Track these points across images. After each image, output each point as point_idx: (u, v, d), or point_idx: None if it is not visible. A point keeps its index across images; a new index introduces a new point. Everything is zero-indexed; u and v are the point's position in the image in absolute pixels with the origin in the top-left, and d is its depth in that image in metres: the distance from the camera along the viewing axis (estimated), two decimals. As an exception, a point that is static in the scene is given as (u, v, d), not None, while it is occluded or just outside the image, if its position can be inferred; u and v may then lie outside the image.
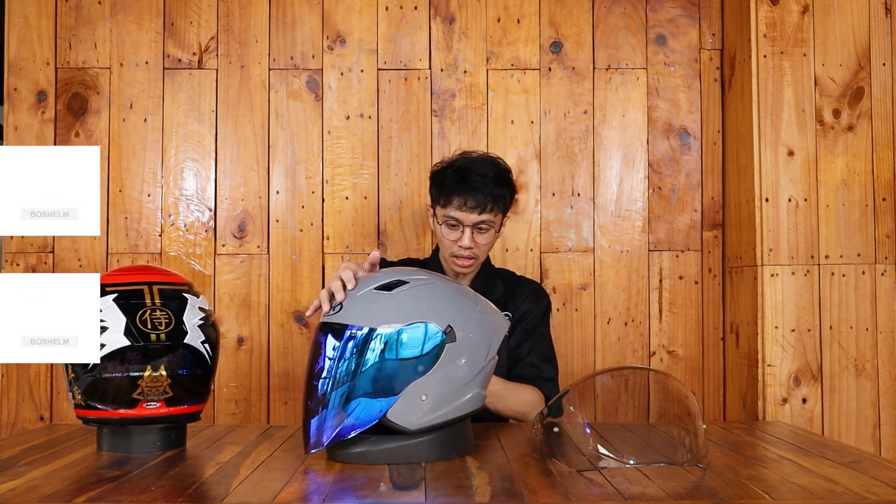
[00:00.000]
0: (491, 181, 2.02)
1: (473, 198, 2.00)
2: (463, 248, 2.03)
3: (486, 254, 2.11)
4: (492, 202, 2.01)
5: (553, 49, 2.57)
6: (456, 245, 2.03)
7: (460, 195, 2.00)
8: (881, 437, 2.28)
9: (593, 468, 1.45)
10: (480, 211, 2.01)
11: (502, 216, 2.08)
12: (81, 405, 1.66)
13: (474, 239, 2.03)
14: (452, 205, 2.01)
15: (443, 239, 2.06)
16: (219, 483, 1.43)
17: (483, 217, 2.01)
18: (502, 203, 2.05)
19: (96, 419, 1.66)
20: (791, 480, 1.42)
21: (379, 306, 1.57)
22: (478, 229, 2.03)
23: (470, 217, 2.01)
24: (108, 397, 1.63)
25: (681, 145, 2.57)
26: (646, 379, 2.49)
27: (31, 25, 2.53)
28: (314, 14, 2.56)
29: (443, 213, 2.04)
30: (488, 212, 2.01)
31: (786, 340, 2.28)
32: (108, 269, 2.49)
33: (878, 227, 2.31)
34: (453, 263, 2.07)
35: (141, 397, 1.64)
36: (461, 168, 2.04)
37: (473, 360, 1.57)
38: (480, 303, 1.64)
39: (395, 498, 1.32)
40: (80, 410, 1.67)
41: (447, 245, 2.06)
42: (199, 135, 2.55)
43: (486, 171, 2.03)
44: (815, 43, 2.33)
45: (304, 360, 2.50)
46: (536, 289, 2.21)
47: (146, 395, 1.64)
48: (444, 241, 2.06)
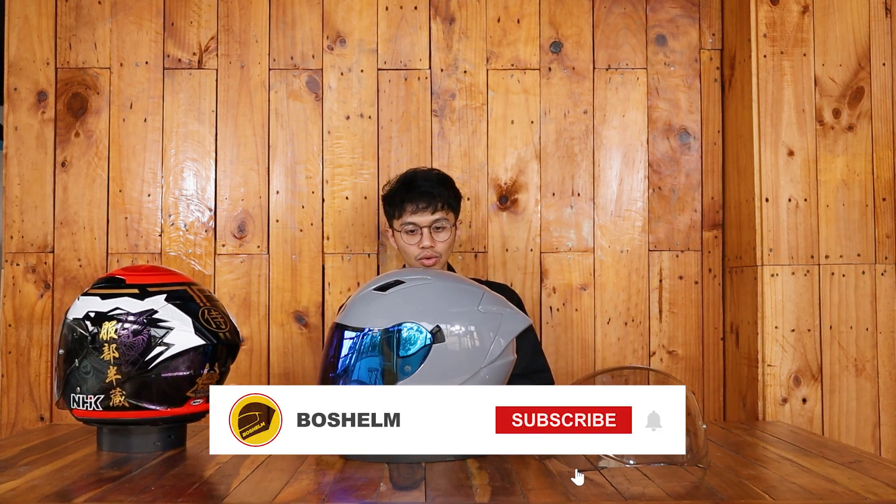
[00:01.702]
0: (436, 183, 2.18)
1: (423, 199, 2.15)
2: (425, 248, 2.14)
3: (447, 254, 2.19)
4: (441, 201, 2.16)
5: (553, 49, 2.57)
6: (418, 248, 2.15)
7: (411, 201, 2.15)
8: (881, 437, 2.28)
9: (593, 468, 1.45)
10: (433, 210, 2.15)
11: (454, 217, 2.20)
12: (123, 406, 1.63)
13: (433, 238, 2.15)
14: (406, 211, 2.15)
15: (405, 247, 2.18)
16: (219, 483, 1.43)
17: (437, 216, 2.15)
18: (451, 203, 2.19)
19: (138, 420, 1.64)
20: (791, 480, 1.42)
21: (372, 306, 1.58)
22: (434, 229, 2.15)
23: (424, 217, 2.14)
24: (162, 397, 1.63)
25: (681, 145, 2.57)
26: (646, 379, 2.48)
27: (31, 25, 2.53)
28: (314, 14, 2.56)
29: (400, 222, 2.17)
30: (440, 210, 2.16)
31: (786, 340, 2.27)
32: (108, 269, 2.49)
33: (878, 227, 2.31)
34: (421, 266, 2.14)
35: (192, 395, 1.65)
36: (407, 178, 2.21)
37: (467, 361, 1.55)
38: (485, 302, 1.61)
39: (395, 498, 1.32)
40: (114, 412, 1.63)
41: (410, 251, 2.17)
42: (199, 135, 2.54)
43: (430, 177, 2.21)
44: (815, 43, 2.33)
45: (304, 360, 2.52)
46: (503, 288, 2.27)
47: (198, 392, 1.66)
48: (407, 249, 2.17)
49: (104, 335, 1.62)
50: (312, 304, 2.51)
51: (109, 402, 1.63)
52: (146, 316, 1.64)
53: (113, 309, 1.64)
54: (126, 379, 1.62)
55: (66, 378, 1.66)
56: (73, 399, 1.66)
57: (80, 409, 1.65)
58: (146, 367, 1.63)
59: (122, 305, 1.64)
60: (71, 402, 1.66)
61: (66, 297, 2.48)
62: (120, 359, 1.62)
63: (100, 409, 1.64)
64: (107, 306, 1.64)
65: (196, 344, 1.65)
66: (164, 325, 1.64)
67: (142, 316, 1.64)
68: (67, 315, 1.68)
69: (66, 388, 1.66)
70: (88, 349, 1.63)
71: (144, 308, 1.65)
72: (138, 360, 1.63)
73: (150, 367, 1.63)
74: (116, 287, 1.68)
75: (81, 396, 1.64)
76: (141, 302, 1.65)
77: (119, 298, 1.65)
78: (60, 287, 2.49)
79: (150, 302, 1.65)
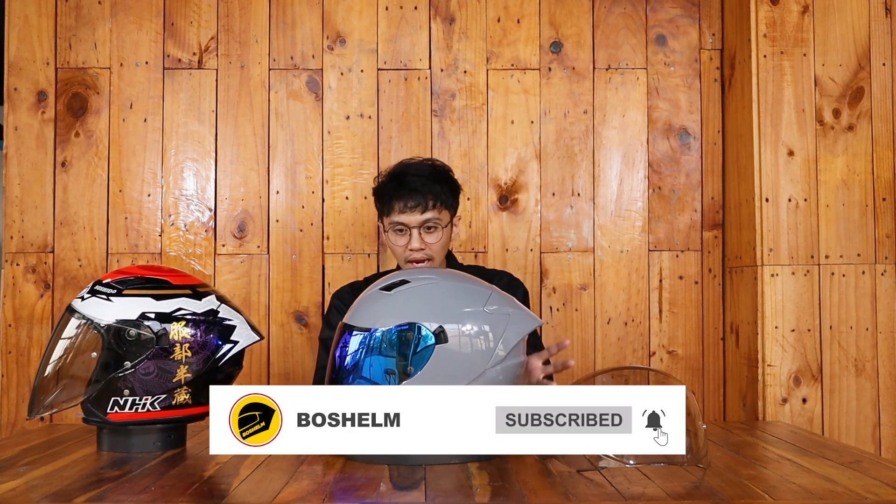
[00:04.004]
0: (427, 179, 2.03)
1: (413, 198, 2.00)
2: (414, 250, 2.02)
3: (441, 254, 2.08)
4: (433, 199, 2.02)
5: (553, 49, 2.57)
6: (407, 250, 2.03)
7: (400, 198, 2.01)
8: (881, 437, 2.28)
9: (593, 468, 1.45)
10: (423, 210, 2.01)
11: (450, 214, 2.08)
12: (186, 404, 1.66)
13: (423, 239, 2.02)
14: (395, 210, 2.02)
15: (394, 248, 2.06)
16: (219, 483, 1.43)
17: (427, 216, 2.02)
18: (444, 200, 2.05)
19: (193, 416, 1.69)
20: (791, 480, 1.42)
21: (377, 307, 1.57)
22: (425, 229, 2.03)
23: (413, 217, 2.01)
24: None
25: (681, 145, 2.57)
26: (646, 379, 2.48)
27: (31, 25, 2.53)
28: (314, 14, 2.56)
29: (388, 221, 2.04)
30: (431, 209, 2.02)
31: (786, 340, 2.27)
32: (108, 269, 2.50)
33: (878, 227, 2.31)
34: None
35: None
36: (397, 173, 2.06)
37: (472, 362, 1.54)
38: (492, 301, 1.58)
39: (395, 498, 1.32)
40: (174, 411, 1.66)
41: (399, 252, 2.05)
42: (199, 135, 2.54)
43: (422, 172, 2.05)
44: (815, 43, 2.33)
45: (304, 360, 2.52)
46: (510, 279, 2.18)
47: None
48: (396, 250, 2.06)
49: (174, 335, 1.64)
50: (312, 304, 2.51)
51: (172, 402, 1.65)
52: (211, 315, 1.69)
53: (176, 309, 1.65)
54: (195, 377, 1.66)
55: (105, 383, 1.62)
56: (113, 403, 1.63)
57: (125, 411, 1.63)
58: (217, 364, 1.68)
59: (184, 306, 1.66)
60: (109, 407, 1.63)
61: (66, 297, 2.48)
62: (192, 358, 1.65)
63: (157, 410, 1.65)
64: (167, 307, 1.65)
65: (254, 340, 1.76)
66: (228, 323, 1.71)
67: (207, 315, 1.68)
68: (97, 319, 1.62)
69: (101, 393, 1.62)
70: (154, 350, 1.62)
71: (206, 308, 1.69)
72: (210, 357, 1.67)
73: (220, 364, 1.69)
74: (161, 288, 1.67)
75: (131, 399, 1.63)
76: (199, 302, 1.68)
77: (177, 299, 1.67)
78: (60, 287, 2.49)
79: (206, 302, 1.69)
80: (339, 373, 1.56)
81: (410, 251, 2.03)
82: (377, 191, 2.11)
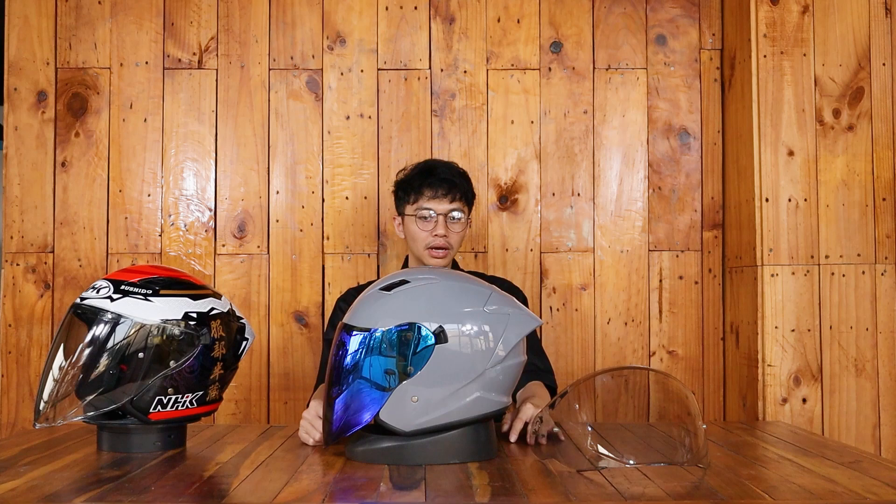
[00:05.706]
0: (457, 174, 2.12)
1: (443, 186, 2.07)
2: (438, 236, 2.06)
3: (456, 249, 2.12)
4: (460, 192, 2.09)
5: (553, 49, 2.57)
6: (431, 236, 2.07)
7: (430, 186, 2.08)
8: (881, 437, 2.28)
9: (593, 468, 1.45)
10: (451, 199, 2.08)
11: (468, 211, 2.14)
12: (215, 399, 1.73)
13: (448, 227, 2.08)
14: (424, 196, 2.08)
15: (417, 233, 2.09)
16: (219, 483, 1.43)
17: (454, 205, 2.08)
18: (468, 197, 2.12)
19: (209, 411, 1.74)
20: (791, 480, 1.42)
21: (377, 307, 1.57)
22: (450, 218, 2.08)
23: (442, 205, 2.07)
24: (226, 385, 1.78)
25: (681, 145, 2.57)
26: (646, 379, 2.49)
27: (31, 25, 2.53)
28: (314, 14, 2.56)
29: (414, 207, 2.09)
30: (458, 200, 2.09)
31: (786, 340, 2.28)
32: (108, 269, 2.50)
33: (878, 227, 2.31)
34: (430, 257, 2.08)
35: None
36: (427, 166, 2.13)
37: (472, 362, 1.54)
38: (491, 301, 1.58)
39: (395, 498, 1.32)
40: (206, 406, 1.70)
41: (422, 238, 2.08)
42: (199, 135, 2.55)
43: (450, 167, 2.14)
44: (815, 43, 2.33)
45: (303, 359, 2.52)
46: (509, 286, 2.21)
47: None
48: (419, 235, 2.09)
49: (215, 333, 1.69)
50: (312, 304, 2.51)
51: (206, 398, 1.70)
52: (232, 313, 1.76)
53: (210, 309, 1.70)
54: (225, 373, 1.73)
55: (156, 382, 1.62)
56: (157, 402, 1.63)
57: (166, 410, 1.64)
58: (237, 359, 1.76)
59: (216, 305, 1.72)
60: (153, 406, 1.63)
61: (66, 297, 2.48)
62: (226, 354, 1.71)
63: (194, 407, 1.69)
64: (203, 306, 1.69)
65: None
66: (242, 320, 1.78)
67: (231, 313, 1.75)
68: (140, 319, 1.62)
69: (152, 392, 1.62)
70: (200, 349, 1.66)
71: (228, 307, 1.75)
72: (234, 353, 1.75)
73: (239, 359, 1.77)
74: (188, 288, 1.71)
75: (175, 397, 1.65)
76: (221, 301, 1.74)
77: (208, 299, 1.71)
78: (60, 287, 2.49)
79: (225, 301, 1.76)
80: (339, 373, 1.56)
81: (435, 237, 2.07)
82: (404, 181, 2.14)
